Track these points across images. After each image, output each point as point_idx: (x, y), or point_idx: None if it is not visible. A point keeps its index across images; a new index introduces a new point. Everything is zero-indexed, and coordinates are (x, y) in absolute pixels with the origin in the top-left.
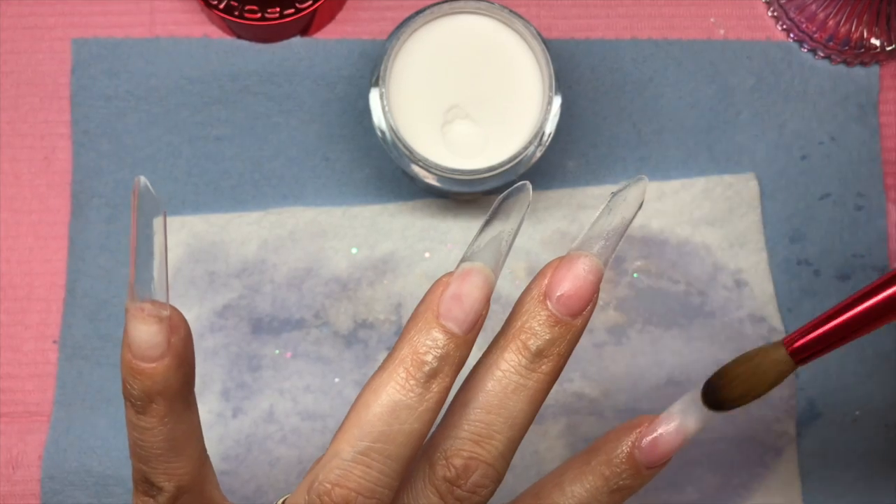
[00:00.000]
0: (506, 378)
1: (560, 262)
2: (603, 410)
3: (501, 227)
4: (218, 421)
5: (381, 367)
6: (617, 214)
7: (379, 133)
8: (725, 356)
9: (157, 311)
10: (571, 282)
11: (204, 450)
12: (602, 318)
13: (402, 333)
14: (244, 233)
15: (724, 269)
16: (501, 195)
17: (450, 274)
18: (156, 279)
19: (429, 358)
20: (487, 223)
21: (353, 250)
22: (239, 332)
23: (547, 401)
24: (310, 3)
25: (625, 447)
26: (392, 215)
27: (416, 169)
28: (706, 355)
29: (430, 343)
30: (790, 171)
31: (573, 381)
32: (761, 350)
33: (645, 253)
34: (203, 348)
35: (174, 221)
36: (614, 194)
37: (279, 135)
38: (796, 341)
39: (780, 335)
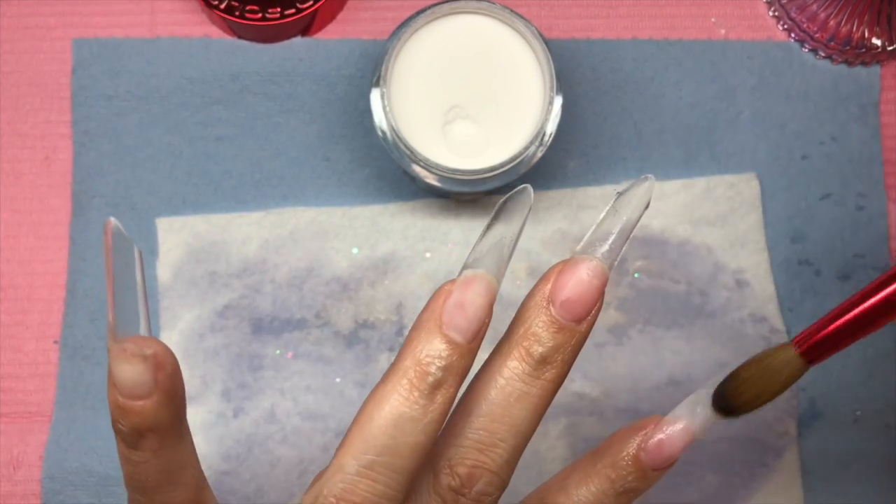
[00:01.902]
0: (509, 386)
1: (563, 266)
2: (604, 410)
3: (503, 232)
4: (219, 421)
5: (385, 378)
6: (622, 215)
7: (380, 133)
8: (726, 356)
9: (141, 350)
10: (575, 286)
11: (201, 476)
12: (603, 317)
13: (405, 342)
14: (245, 233)
15: (725, 268)
16: (503, 199)
17: (452, 281)
18: (138, 316)
19: (432, 369)
20: (489, 227)
21: (354, 250)
22: (240, 333)
23: None
24: (311, 3)
25: (630, 449)
26: (393, 215)
27: (416, 169)
28: (707, 355)
29: (433, 353)
30: (791, 171)
31: (574, 382)
32: (769, 352)
33: (646, 253)
34: (204, 348)
35: (175, 221)
36: (619, 194)
37: (280, 135)
38: (806, 341)
39: (781, 335)
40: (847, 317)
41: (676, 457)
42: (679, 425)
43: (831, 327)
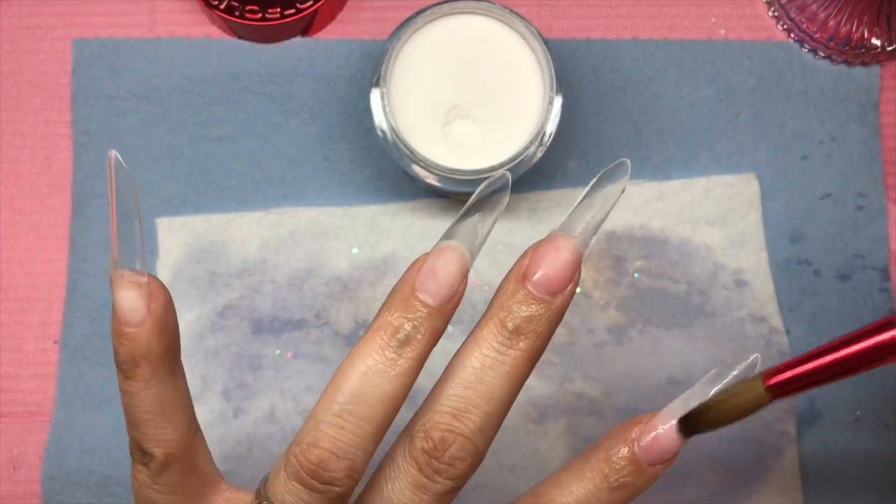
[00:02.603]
0: (483, 355)
1: (539, 243)
2: (604, 410)
3: (478, 218)
4: (219, 421)
5: (360, 340)
6: (598, 197)
7: (380, 133)
8: (726, 356)
9: (136, 278)
10: (549, 261)
11: (194, 421)
12: (603, 317)
13: (381, 307)
14: (245, 233)
15: (724, 268)
16: (481, 186)
17: (427, 254)
18: (137, 248)
19: (402, 326)
20: (465, 213)
21: (354, 250)
22: (240, 333)
23: (547, 400)
24: (310, 3)
25: (624, 444)
26: (393, 215)
27: (416, 169)
28: (707, 355)
29: (404, 314)
30: (791, 171)
31: (574, 381)
32: (742, 383)
33: (646, 253)
34: (204, 348)
35: (175, 221)
36: (597, 178)
37: (280, 135)
38: (773, 377)
39: (780, 335)
40: (818, 362)
41: (672, 452)
42: (674, 420)
43: (799, 370)
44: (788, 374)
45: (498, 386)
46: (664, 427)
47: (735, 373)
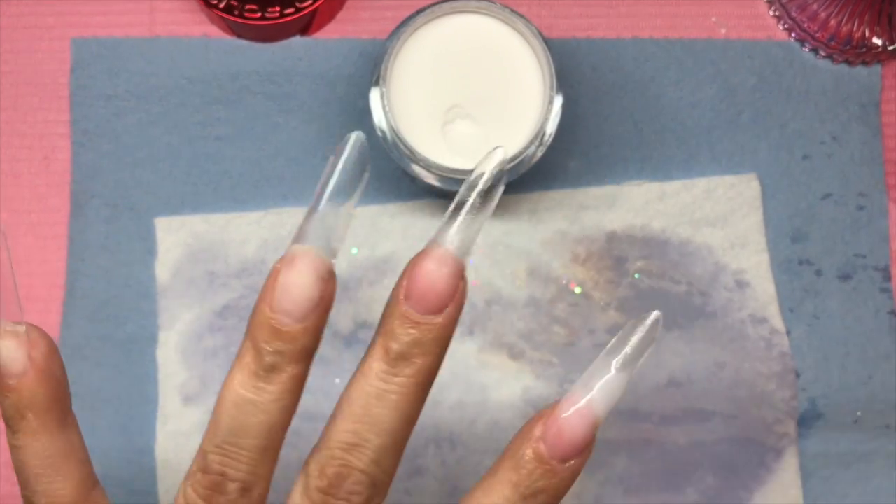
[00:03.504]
0: (368, 385)
1: (415, 258)
2: None
3: (336, 206)
4: None
5: (236, 356)
6: (474, 194)
7: (379, 133)
8: (727, 357)
9: (14, 328)
10: (423, 280)
11: (91, 475)
12: (603, 318)
13: (248, 326)
14: (244, 233)
15: (725, 269)
16: (335, 156)
17: (282, 258)
18: (17, 301)
19: (265, 355)
20: (323, 188)
21: (354, 250)
22: (239, 333)
23: (547, 401)
24: (310, 2)
25: (530, 444)
26: (392, 215)
27: (416, 169)
28: (707, 356)
29: (265, 336)
30: (792, 171)
31: (573, 382)
32: None
33: (646, 253)
34: (203, 349)
35: (174, 221)
36: (473, 171)
37: (279, 134)
38: None
39: (781, 336)
40: None
41: (583, 442)
42: (578, 405)
43: None
44: None
45: (388, 417)
46: (567, 415)
47: (637, 337)
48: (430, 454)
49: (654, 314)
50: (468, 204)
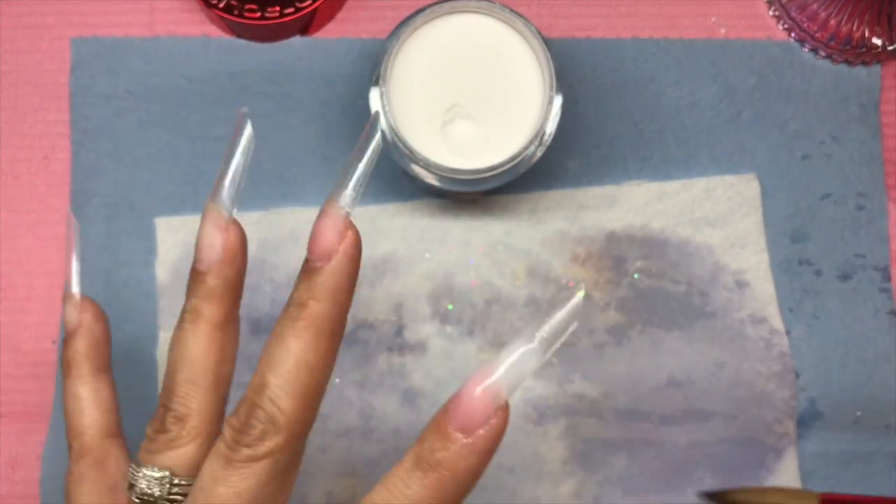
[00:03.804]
0: (273, 333)
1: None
2: (603, 411)
3: (233, 160)
4: None
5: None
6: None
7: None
8: (726, 357)
9: (72, 296)
10: (314, 238)
11: (112, 424)
12: (603, 318)
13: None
14: None
15: (725, 269)
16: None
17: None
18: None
19: (190, 298)
20: (228, 156)
21: None
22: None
23: (546, 401)
24: (309, 2)
25: (436, 416)
26: (392, 215)
27: (416, 169)
28: (707, 356)
29: (191, 286)
30: (791, 171)
31: (573, 382)
32: (796, 493)
33: (646, 253)
34: None
35: (173, 221)
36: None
37: (279, 134)
38: (833, 501)
39: (781, 336)
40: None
41: (482, 414)
42: (487, 380)
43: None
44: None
45: (282, 358)
46: (474, 387)
47: (560, 314)
48: None
49: (579, 294)
50: (364, 159)
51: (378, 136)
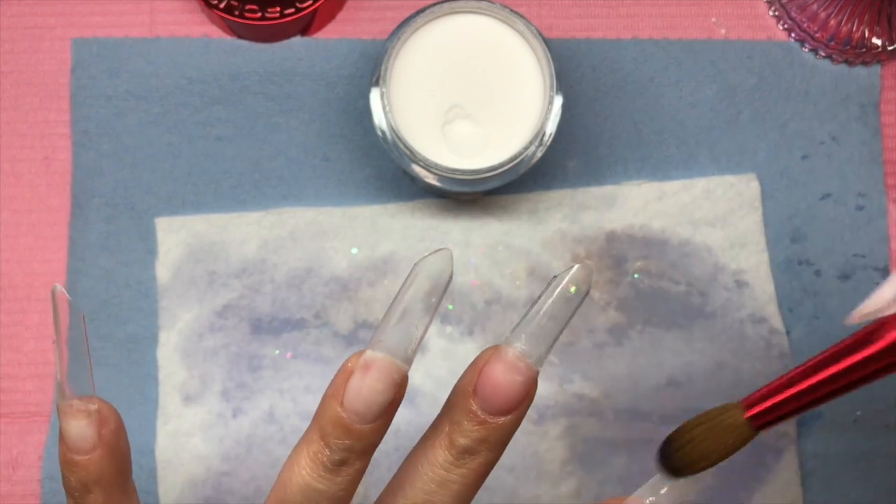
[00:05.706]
0: (432, 472)
1: (490, 356)
2: (603, 411)
3: (419, 313)
4: (218, 421)
5: (301, 442)
6: (555, 297)
7: (379, 133)
8: (726, 357)
9: (85, 406)
10: (496, 382)
11: None
12: (602, 318)
13: (317, 409)
14: (244, 233)
15: (724, 269)
16: (419, 261)
17: (357, 355)
18: (87, 374)
19: (335, 449)
20: (398, 295)
21: (354, 250)
22: (239, 333)
23: (547, 401)
24: (310, 2)
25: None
26: (392, 215)
27: (416, 169)
28: (707, 356)
29: (336, 433)
30: (791, 171)
31: (573, 382)
32: (718, 412)
33: (645, 253)
34: (203, 348)
35: (174, 221)
36: (555, 277)
37: (279, 135)
38: (756, 405)
39: (781, 336)
40: (800, 385)
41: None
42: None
43: (781, 396)
44: (769, 402)
45: (448, 502)
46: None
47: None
48: None
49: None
50: (546, 306)
51: (580, 301)
